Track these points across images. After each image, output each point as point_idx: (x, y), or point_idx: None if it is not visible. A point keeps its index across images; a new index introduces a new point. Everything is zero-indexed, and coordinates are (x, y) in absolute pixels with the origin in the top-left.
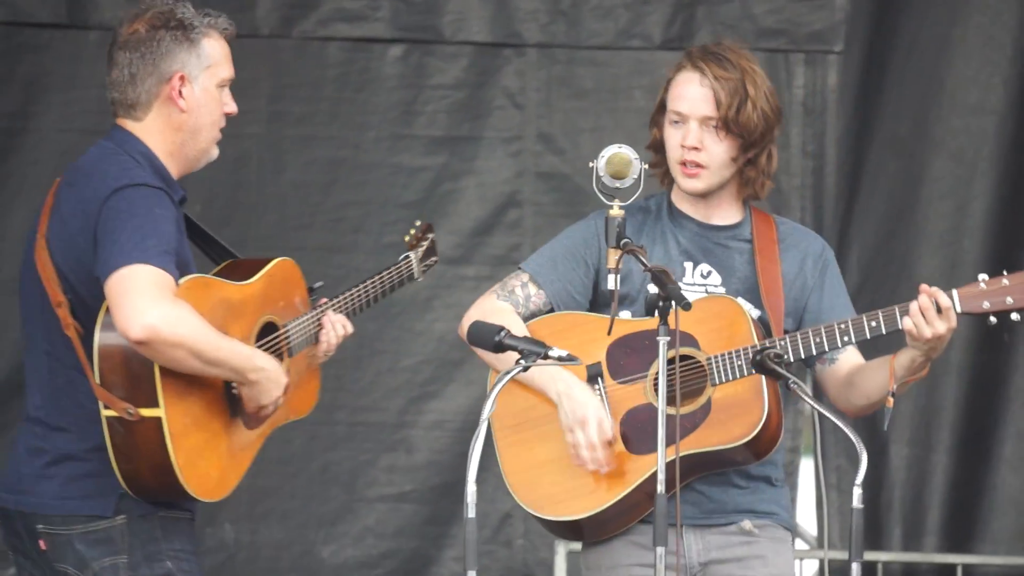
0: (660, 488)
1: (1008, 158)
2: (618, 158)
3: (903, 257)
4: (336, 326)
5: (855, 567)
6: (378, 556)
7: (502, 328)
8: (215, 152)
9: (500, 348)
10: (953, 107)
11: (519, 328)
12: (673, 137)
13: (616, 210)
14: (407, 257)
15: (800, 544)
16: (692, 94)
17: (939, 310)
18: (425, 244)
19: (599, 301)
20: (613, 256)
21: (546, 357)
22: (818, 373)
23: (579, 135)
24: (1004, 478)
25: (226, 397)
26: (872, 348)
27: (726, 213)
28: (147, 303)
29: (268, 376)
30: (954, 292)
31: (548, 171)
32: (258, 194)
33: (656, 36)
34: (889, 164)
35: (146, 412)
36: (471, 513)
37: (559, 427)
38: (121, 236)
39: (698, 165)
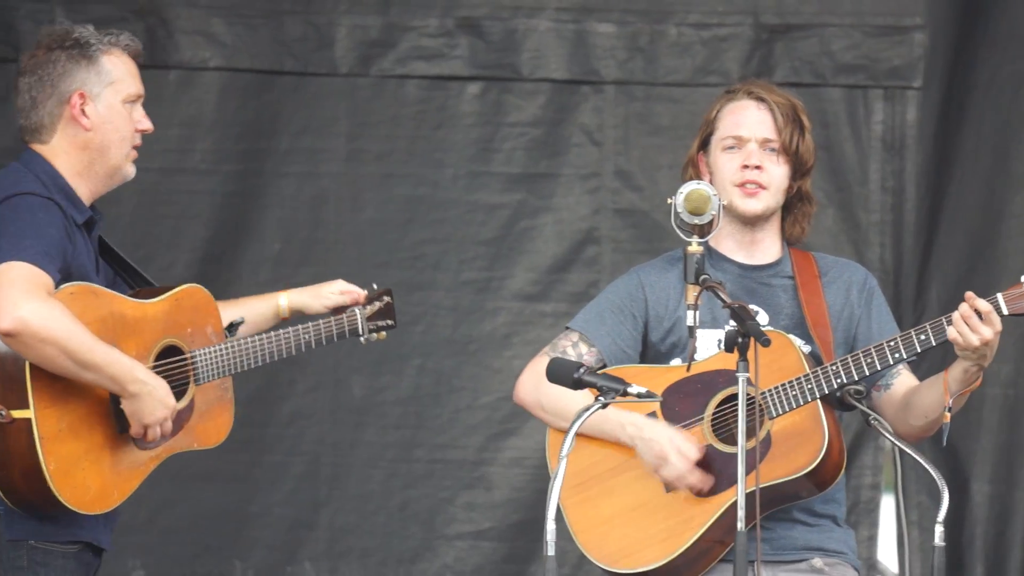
0: (740, 525)
1: None
2: (696, 194)
3: (983, 292)
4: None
5: None
6: None
7: (581, 365)
8: (130, 170)
9: (579, 384)
10: None
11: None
12: (731, 162)
13: (695, 246)
14: (352, 312)
15: None
16: (751, 118)
17: (980, 316)
18: (378, 305)
19: (648, 354)
20: (692, 292)
21: (625, 394)
22: (875, 401)
23: (656, 171)
24: None
25: (113, 412)
26: (926, 370)
27: (768, 251)
28: (19, 296)
29: (150, 392)
30: (999, 296)
31: (626, 208)
32: (336, 232)
33: (734, 72)
34: (968, 199)
35: (17, 413)
36: (551, 551)
37: (622, 480)
38: (2, 240)
39: (760, 185)
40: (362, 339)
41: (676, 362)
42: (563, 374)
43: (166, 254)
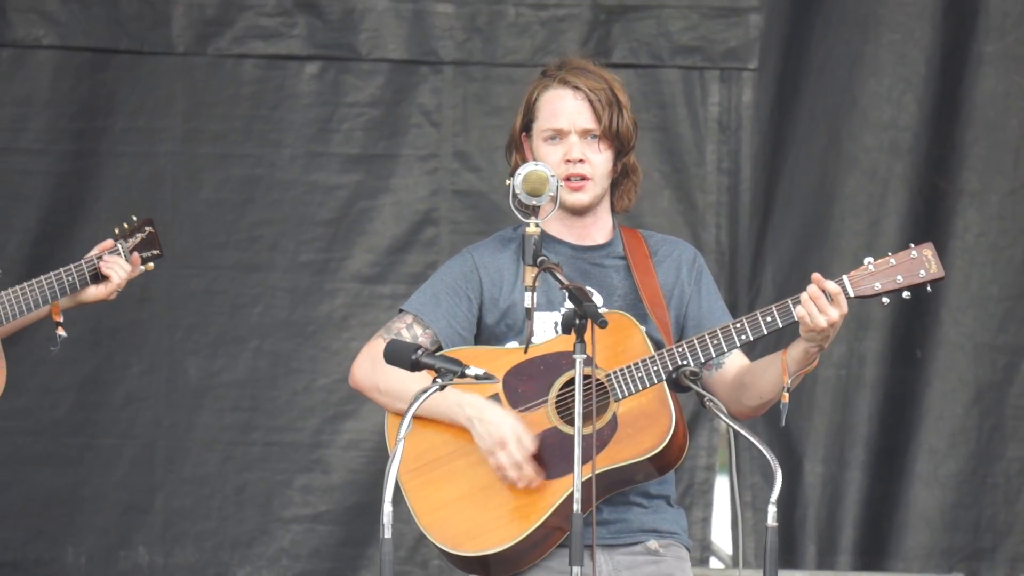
0: (576, 507)
1: (920, 175)
2: (534, 175)
3: (819, 273)
4: (116, 268)
5: None
6: None
7: (419, 346)
8: None
9: (417, 366)
10: (866, 124)
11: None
12: (553, 154)
13: (532, 227)
14: (115, 249)
15: (715, 562)
16: (569, 108)
17: (829, 297)
18: (140, 237)
19: (482, 335)
20: (530, 274)
21: (463, 376)
22: (706, 379)
23: (495, 152)
24: (917, 494)
25: None
26: (760, 351)
27: (599, 232)
28: None
29: None
30: (844, 278)
31: (464, 189)
32: (173, 213)
33: (572, 54)
34: (803, 181)
35: None
36: (387, 534)
37: (464, 463)
38: None
39: (583, 177)
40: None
41: (512, 344)
42: (401, 356)
43: None
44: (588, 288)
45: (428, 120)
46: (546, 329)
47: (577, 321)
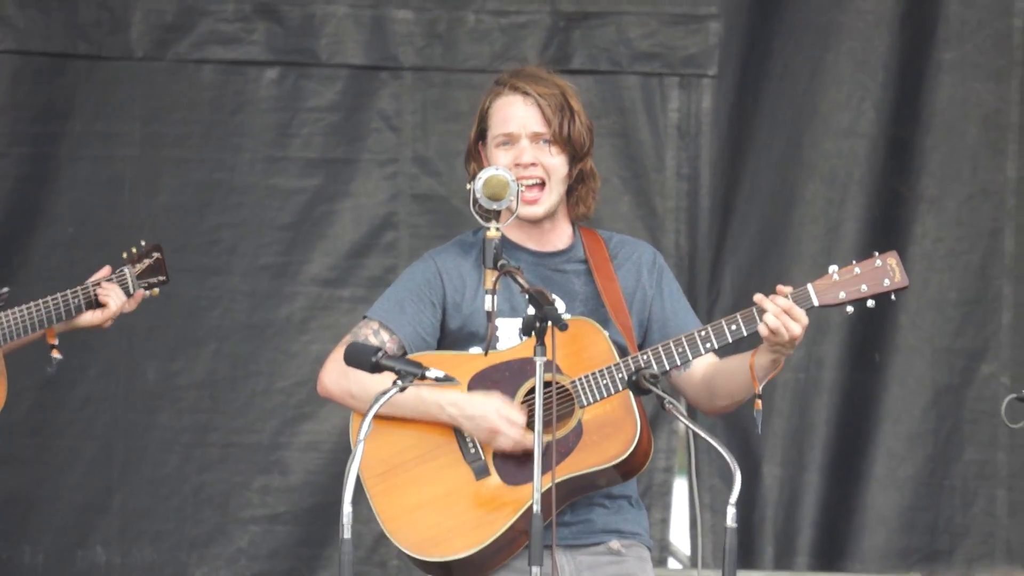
0: (536, 508)
1: (879, 181)
2: (495, 180)
3: (776, 278)
4: (114, 296)
5: None
6: None
7: (379, 349)
8: None
9: (377, 368)
10: (825, 130)
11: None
12: (505, 159)
13: (493, 231)
14: (122, 272)
15: (673, 563)
16: (519, 114)
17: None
18: (147, 263)
19: (445, 341)
20: (490, 277)
21: (423, 378)
22: (674, 379)
23: (455, 158)
24: (874, 497)
25: None
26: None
27: (559, 238)
28: None
29: None
30: (809, 286)
31: (424, 193)
32: (132, 216)
33: (532, 60)
34: (762, 187)
35: None
36: (347, 534)
37: (428, 468)
38: None
39: (538, 181)
40: (128, 295)
41: (475, 350)
42: (361, 358)
43: None
44: (552, 295)
45: (388, 125)
46: (511, 335)
47: (537, 324)
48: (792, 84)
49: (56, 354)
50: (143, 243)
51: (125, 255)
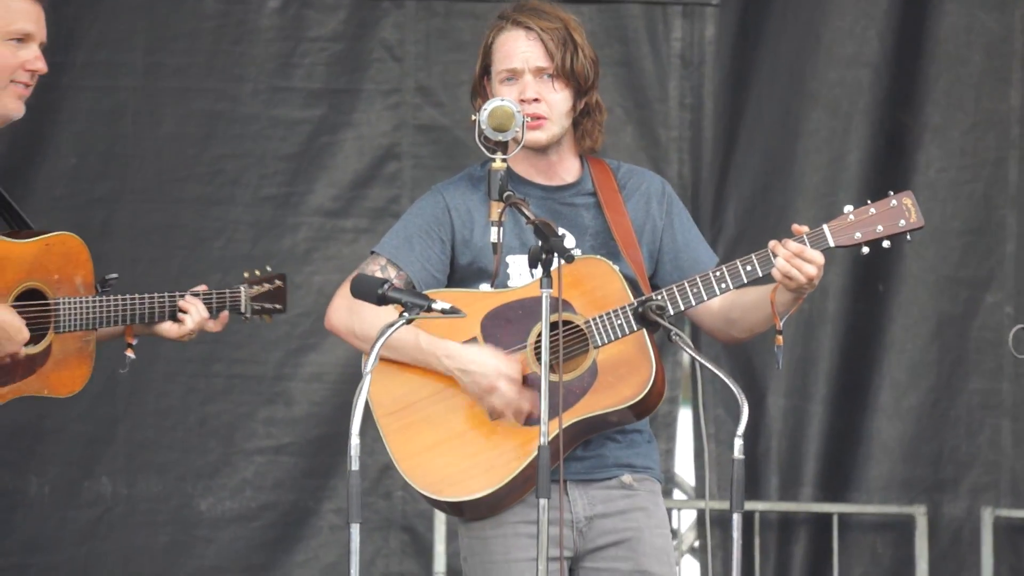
0: (543, 440)
1: (882, 111)
2: (501, 111)
3: (780, 209)
4: (194, 311)
5: (736, 517)
6: (257, 508)
7: (386, 281)
8: (14, 107)
9: (384, 300)
10: (829, 60)
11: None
12: (509, 95)
13: (498, 163)
14: (237, 289)
15: (678, 494)
16: (521, 49)
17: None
18: (266, 287)
19: (454, 277)
20: (496, 209)
21: (429, 310)
22: (692, 310)
23: (458, 87)
24: (879, 427)
25: None
26: None
27: (567, 171)
28: None
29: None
30: (824, 227)
31: (427, 124)
32: (135, 147)
33: None
34: (765, 117)
35: None
36: (355, 466)
37: (442, 408)
38: None
39: (539, 117)
40: (243, 317)
41: (485, 287)
42: (367, 290)
43: None
44: (561, 231)
45: (391, 55)
46: (523, 272)
47: (543, 256)
48: (795, 13)
49: (130, 353)
50: (268, 268)
51: (247, 275)
